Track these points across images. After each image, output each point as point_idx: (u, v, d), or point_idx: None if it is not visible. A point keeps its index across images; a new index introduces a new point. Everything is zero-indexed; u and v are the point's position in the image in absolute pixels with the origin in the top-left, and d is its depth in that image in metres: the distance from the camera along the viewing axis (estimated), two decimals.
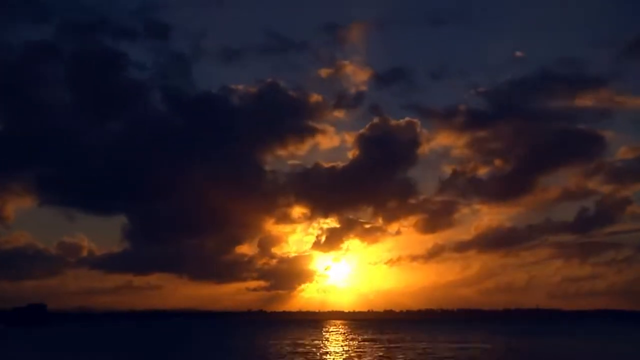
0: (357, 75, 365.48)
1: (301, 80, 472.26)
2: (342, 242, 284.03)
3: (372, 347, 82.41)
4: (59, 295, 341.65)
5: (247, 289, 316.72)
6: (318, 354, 72.14)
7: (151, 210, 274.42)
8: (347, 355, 70.38)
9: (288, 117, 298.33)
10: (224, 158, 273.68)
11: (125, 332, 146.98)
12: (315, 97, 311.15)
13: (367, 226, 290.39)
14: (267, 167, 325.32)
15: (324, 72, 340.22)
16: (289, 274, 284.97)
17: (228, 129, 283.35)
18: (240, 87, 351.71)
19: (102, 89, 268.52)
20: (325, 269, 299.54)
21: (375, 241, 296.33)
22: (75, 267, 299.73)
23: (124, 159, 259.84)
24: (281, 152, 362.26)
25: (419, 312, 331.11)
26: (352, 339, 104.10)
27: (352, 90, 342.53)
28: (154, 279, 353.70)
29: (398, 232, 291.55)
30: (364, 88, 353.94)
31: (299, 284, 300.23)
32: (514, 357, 68.03)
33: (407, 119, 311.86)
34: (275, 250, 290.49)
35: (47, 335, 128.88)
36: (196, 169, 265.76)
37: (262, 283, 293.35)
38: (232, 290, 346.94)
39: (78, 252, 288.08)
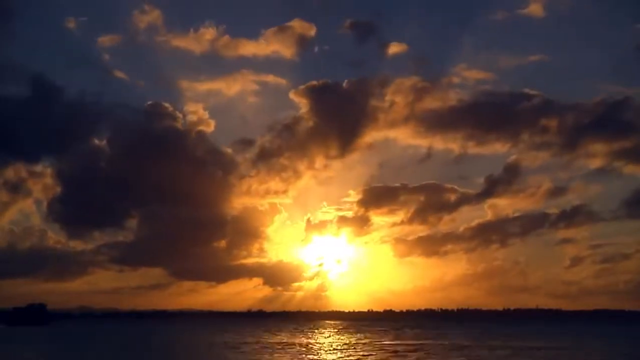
0: None
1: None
2: (333, 236, 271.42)
3: None
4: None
5: (247, 288, 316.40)
6: None
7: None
8: None
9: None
10: None
11: (125, 332, 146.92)
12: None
13: (350, 215, 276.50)
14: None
15: None
16: (282, 273, 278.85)
17: None
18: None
19: None
20: (319, 266, 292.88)
21: (364, 234, 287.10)
22: None
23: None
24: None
25: (419, 311, 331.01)
26: None
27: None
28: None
29: (390, 224, 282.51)
30: None
31: (294, 282, 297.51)
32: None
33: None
34: (261, 248, 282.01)
35: (47, 335, 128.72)
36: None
37: (257, 281, 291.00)
38: (230, 290, 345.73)
39: None
